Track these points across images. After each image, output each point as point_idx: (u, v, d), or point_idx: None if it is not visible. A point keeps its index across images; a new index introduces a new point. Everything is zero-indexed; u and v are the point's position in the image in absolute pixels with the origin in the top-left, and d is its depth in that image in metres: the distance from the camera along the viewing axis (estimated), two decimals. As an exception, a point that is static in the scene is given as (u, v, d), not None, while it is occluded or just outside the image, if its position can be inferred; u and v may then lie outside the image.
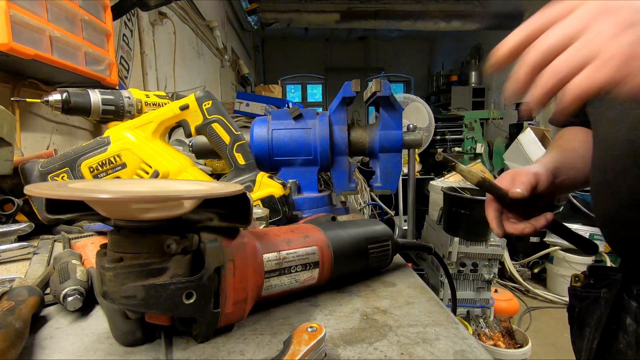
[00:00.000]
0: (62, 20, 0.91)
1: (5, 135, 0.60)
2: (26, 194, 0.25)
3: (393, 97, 0.82)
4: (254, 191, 0.66)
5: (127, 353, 0.31)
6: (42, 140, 1.07)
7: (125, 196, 0.23)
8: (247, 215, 0.32)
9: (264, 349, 0.31)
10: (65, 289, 0.35)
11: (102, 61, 1.07)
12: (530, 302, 2.65)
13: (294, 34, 6.96)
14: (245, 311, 0.34)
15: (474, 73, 5.79)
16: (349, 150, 0.85)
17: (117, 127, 0.64)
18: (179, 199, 0.27)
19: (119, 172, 0.62)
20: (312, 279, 0.40)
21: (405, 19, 5.01)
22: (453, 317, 0.37)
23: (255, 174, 0.66)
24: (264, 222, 0.54)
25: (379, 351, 0.31)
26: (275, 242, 0.38)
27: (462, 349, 0.31)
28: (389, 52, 7.66)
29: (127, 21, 1.67)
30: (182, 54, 2.42)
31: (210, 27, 3.04)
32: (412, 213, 1.45)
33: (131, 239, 0.29)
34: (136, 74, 1.77)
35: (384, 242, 0.46)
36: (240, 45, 4.86)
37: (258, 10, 4.35)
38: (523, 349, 1.77)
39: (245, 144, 0.67)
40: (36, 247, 0.55)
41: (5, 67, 0.88)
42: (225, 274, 0.32)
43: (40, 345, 0.32)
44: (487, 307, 2.07)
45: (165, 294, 0.28)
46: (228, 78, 3.76)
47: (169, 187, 0.33)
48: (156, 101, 0.81)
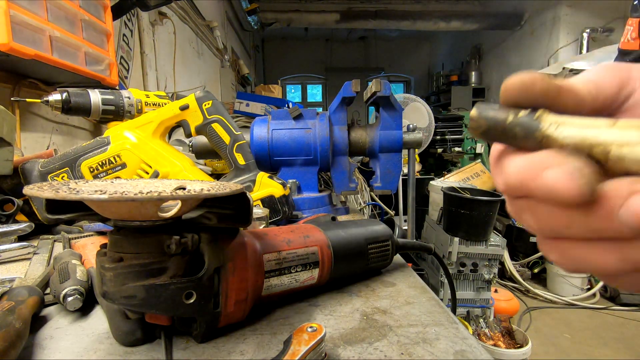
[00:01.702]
0: (62, 20, 0.91)
1: (5, 135, 0.60)
2: (26, 194, 0.25)
3: (393, 97, 0.82)
4: (254, 191, 0.66)
5: (127, 353, 0.31)
6: (42, 140, 1.07)
7: (125, 197, 0.23)
8: (247, 215, 0.32)
9: (264, 349, 0.31)
10: (65, 289, 0.35)
11: (102, 61, 1.07)
12: (530, 302, 2.65)
13: (294, 34, 6.96)
14: (245, 311, 0.34)
15: (474, 73, 5.79)
16: (349, 150, 0.85)
17: (117, 127, 0.64)
18: (179, 199, 0.27)
19: (119, 172, 0.62)
20: (312, 279, 0.40)
21: (405, 19, 5.01)
22: (453, 317, 0.37)
23: (255, 174, 0.66)
24: (264, 222, 0.54)
25: (379, 351, 0.31)
26: (275, 242, 0.38)
27: (462, 349, 0.31)
28: (389, 52, 7.66)
29: (127, 21, 1.67)
30: (182, 54, 2.42)
31: (210, 27, 3.04)
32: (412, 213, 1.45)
33: (131, 239, 0.29)
34: (136, 74, 1.77)
35: (384, 242, 0.46)
36: (240, 45, 4.86)
37: (258, 10, 4.35)
38: (523, 349, 1.77)
39: (245, 144, 0.67)
40: (36, 247, 0.55)
41: (5, 67, 0.88)
42: (225, 274, 0.32)
43: (40, 345, 0.32)
44: (487, 307, 2.07)
45: (165, 294, 0.28)
46: (228, 78, 3.76)
47: (169, 187, 0.33)
48: (156, 101, 0.81)
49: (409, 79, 8.00)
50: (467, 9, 5.07)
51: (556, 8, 4.16)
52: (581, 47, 3.99)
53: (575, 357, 2.02)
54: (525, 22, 4.68)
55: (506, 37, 5.05)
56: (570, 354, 2.05)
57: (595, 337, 2.21)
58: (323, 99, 7.95)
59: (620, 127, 0.13)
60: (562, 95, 0.15)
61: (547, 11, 4.28)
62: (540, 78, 0.15)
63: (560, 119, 0.14)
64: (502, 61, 5.24)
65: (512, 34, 4.92)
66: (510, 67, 5.02)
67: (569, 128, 0.14)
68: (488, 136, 0.16)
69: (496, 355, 1.75)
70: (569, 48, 4.11)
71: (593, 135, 0.13)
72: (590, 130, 0.13)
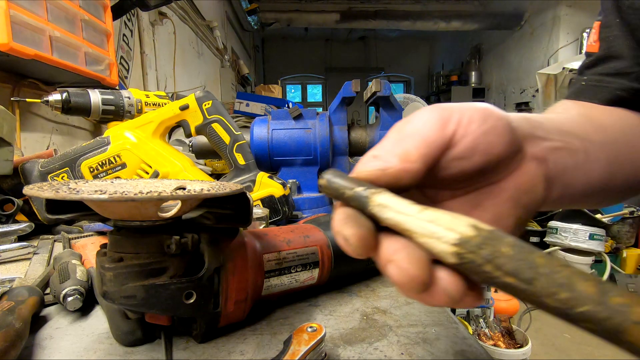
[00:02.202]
0: (62, 20, 0.91)
1: (5, 135, 0.60)
2: (26, 194, 0.25)
3: (393, 97, 0.82)
4: (254, 191, 0.66)
5: (127, 353, 0.31)
6: (42, 140, 1.07)
7: (125, 197, 0.23)
8: (247, 215, 0.32)
9: (264, 349, 0.31)
10: (65, 289, 0.35)
11: (102, 61, 1.07)
12: (530, 302, 2.65)
13: (294, 34, 6.96)
14: (245, 311, 0.34)
15: (474, 73, 5.79)
16: (349, 150, 0.85)
17: (117, 127, 0.64)
18: (179, 199, 0.27)
19: (119, 172, 0.62)
20: (312, 279, 0.40)
21: (405, 19, 5.01)
22: (453, 317, 0.37)
23: (255, 174, 0.66)
24: (264, 222, 0.54)
25: (379, 351, 0.31)
26: (275, 242, 0.38)
27: (462, 349, 0.31)
28: (389, 52, 7.66)
29: (127, 21, 1.67)
30: (182, 54, 2.42)
31: (210, 27, 3.04)
32: (412, 213, 1.43)
33: (131, 239, 0.29)
34: (136, 74, 1.77)
35: (384, 242, 0.46)
36: (240, 45, 4.86)
37: (258, 10, 4.35)
38: (523, 349, 1.76)
39: (245, 144, 0.67)
40: (36, 247, 0.55)
41: (5, 67, 0.88)
42: (225, 274, 0.32)
43: (40, 345, 0.32)
44: (487, 307, 2.07)
45: (165, 294, 0.28)
46: (228, 78, 3.76)
47: (169, 187, 0.33)
48: (156, 101, 0.81)
49: (409, 79, 8.00)
50: (467, 9, 5.07)
51: (556, 8, 4.16)
52: (581, 47, 3.99)
53: (575, 357, 2.01)
54: (525, 22, 4.68)
55: (506, 37, 5.05)
56: (570, 354, 2.05)
57: (595, 337, 2.21)
58: (323, 99, 7.95)
59: (421, 218, 0.16)
60: (401, 178, 0.18)
61: (547, 11, 4.28)
62: (381, 173, 0.18)
63: (385, 201, 0.17)
64: (502, 61, 5.24)
65: (512, 34, 4.92)
66: (510, 67, 5.02)
67: (388, 212, 0.17)
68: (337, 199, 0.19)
69: (496, 355, 1.75)
70: (569, 48, 4.11)
71: (403, 221, 0.16)
72: (401, 217, 0.16)
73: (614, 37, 0.34)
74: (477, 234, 0.15)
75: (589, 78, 0.36)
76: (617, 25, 0.34)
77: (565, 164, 0.24)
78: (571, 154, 0.24)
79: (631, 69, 0.33)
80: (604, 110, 0.33)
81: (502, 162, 0.20)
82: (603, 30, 0.35)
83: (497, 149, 0.19)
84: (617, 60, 0.34)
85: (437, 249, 0.16)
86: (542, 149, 0.22)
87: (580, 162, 0.25)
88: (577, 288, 0.13)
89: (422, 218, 0.16)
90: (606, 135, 0.28)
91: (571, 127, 0.26)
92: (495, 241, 0.15)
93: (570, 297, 0.13)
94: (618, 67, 0.34)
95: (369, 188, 0.17)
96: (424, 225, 0.16)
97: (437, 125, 0.18)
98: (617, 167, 0.28)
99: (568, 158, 0.24)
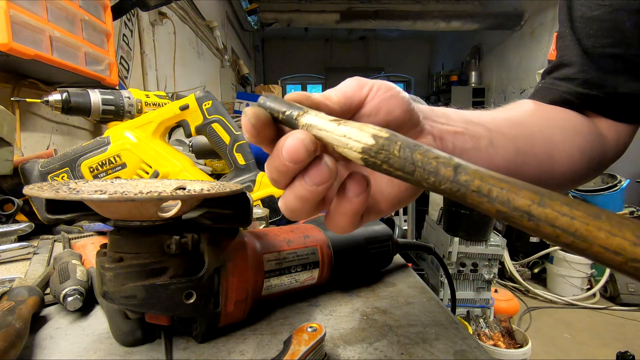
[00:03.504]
0: (62, 20, 0.91)
1: (5, 135, 0.60)
2: (26, 194, 0.25)
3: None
4: (254, 191, 0.66)
5: (127, 353, 0.31)
6: (42, 140, 1.07)
7: (125, 197, 0.23)
8: (247, 215, 0.32)
9: (264, 349, 0.31)
10: (65, 289, 0.35)
11: (102, 61, 1.07)
12: (530, 302, 2.65)
13: (294, 34, 6.96)
14: (245, 311, 0.34)
15: (474, 73, 5.79)
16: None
17: (117, 127, 0.64)
18: (179, 199, 0.27)
19: (119, 172, 0.62)
20: (312, 279, 0.40)
21: (405, 19, 5.01)
22: (453, 317, 0.37)
23: (255, 174, 0.66)
24: (264, 222, 0.54)
25: (379, 351, 0.31)
26: (275, 242, 0.38)
27: (462, 349, 0.31)
28: (389, 52, 7.66)
29: (127, 21, 1.66)
30: (182, 54, 2.42)
31: (210, 27, 3.04)
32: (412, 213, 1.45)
33: (131, 239, 0.29)
34: (136, 74, 1.77)
35: (383, 242, 0.46)
36: (240, 45, 4.86)
37: (258, 10, 4.35)
38: (523, 349, 1.77)
39: (245, 144, 0.67)
40: (36, 247, 0.55)
41: (5, 67, 0.88)
42: (225, 274, 0.32)
43: (40, 345, 0.32)
44: (487, 307, 2.07)
45: (165, 294, 0.28)
46: (228, 78, 3.76)
47: (169, 187, 0.33)
48: (156, 101, 0.81)
49: (409, 79, 8.00)
50: (467, 9, 5.07)
51: (556, 8, 4.12)
52: (581, 47, 3.98)
53: (575, 357, 2.02)
54: (525, 22, 4.67)
55: (506, 37, 5.04)
56: (570, 354, 2.05)
57: (595, 337, 2.21)
58: (323, 99, 7.93)
59: (337, 133, 0.20)
60: (320, 106, 0.22)
61: (547, 11, 4.27)
62: (305, 97, 0.22)
63: (310, 121, 0.21)
64: (502, 61, 5.23)
65: (512, 34, 4.91)
66: (510, 67, 5.02)
67: (313, 129, 0.21)
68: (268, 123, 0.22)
69: (496, 355, 1.76)
70: (569, 48, 4.10)
71: (324, 136, 0.21)
72: (323, 133, 0.21)
73: (565, 46, 0.39)
74: (375, 143, 0.20)
75: (545, 81, 0.42)
76: (569, 35, 0.39)
77: (464, 146, 0.28)
78: (473, 139, 0.29)
79: (577, 75, 0.38)
80: (549, 109, 0.39)
81: (401, 128, 0.25)
82: (559, 40, 0.41)
83: (396, 112, 0.24)
84: (568, 67, 0.39)
85: (350, 156, 0.20)
86: (441, 130, 0.27)
87: (482, 146, 0.29)
88: (440, 172, 0.18)
89: (338, 133, 0.20)
90: (521, 130, 0.33)
91: (484, 120, 0.31)
92: (390, 146, 0.19)
93: (436, 180, 0.18)
94: (567, 73, 0.39)
95: (297, 109, 0.21)
96: (339, 139, 0.20)
97: (355, 87, 0.24)
98: (529, 158, 0.33)
99: (469, 141, 0.28)
